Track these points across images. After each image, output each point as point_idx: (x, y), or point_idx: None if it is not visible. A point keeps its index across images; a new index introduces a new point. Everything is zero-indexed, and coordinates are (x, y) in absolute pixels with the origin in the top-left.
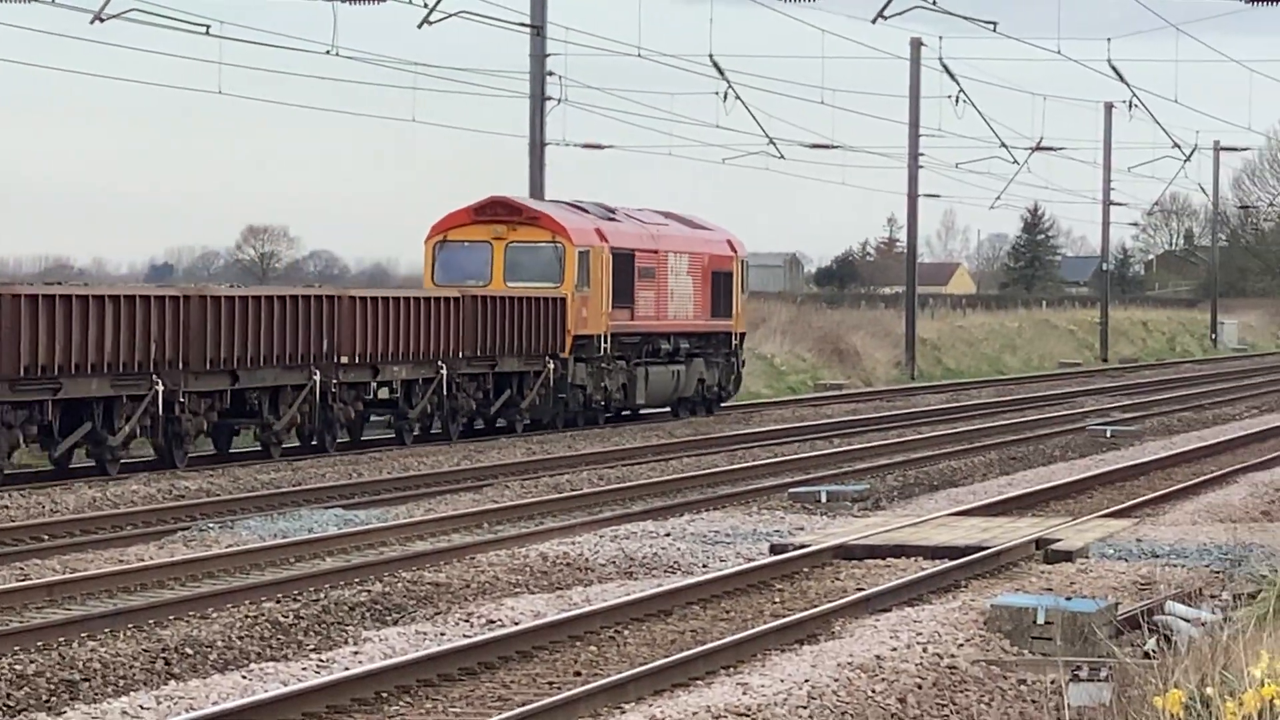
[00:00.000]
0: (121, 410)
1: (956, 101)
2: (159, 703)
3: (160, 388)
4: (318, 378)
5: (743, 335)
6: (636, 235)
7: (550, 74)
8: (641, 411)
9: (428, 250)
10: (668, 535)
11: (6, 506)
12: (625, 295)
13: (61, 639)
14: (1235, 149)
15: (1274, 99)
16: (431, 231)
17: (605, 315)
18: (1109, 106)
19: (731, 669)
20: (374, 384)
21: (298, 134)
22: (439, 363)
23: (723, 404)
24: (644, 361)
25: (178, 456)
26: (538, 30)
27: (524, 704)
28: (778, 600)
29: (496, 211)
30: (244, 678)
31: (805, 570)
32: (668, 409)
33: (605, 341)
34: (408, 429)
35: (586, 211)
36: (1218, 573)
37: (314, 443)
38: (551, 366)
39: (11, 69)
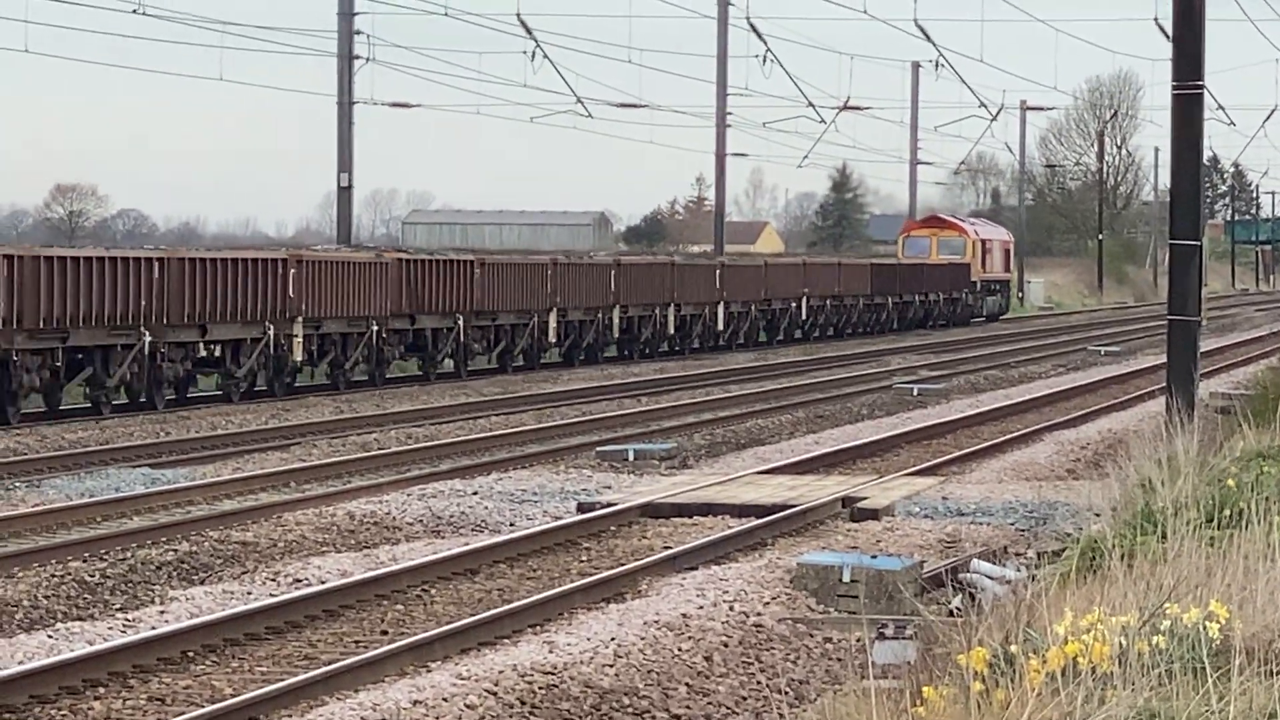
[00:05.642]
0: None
1: (764, 61)
2: None
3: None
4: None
5: (1010, 281)
6: (985, 232)
7: (358, 33)
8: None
9: (901, 242)
10: (475, 494)
11: None
12: (982, 262)
13: None
14: (1041, 108)
15: (1080, 59)
16: (901, 230)
17: (978, 271)
18: (916, 66)
19: (538, 628)
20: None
21: (105, 93)
22: (930, 294)
23: (1002, 317)
24: (984, 293)
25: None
26: None
27: (330, 663)
28: (585, 559)
29: (933, 222)
30: (50, 637)
31: (612, 529)
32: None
33: (978, 284)
34: (923, 321)
35: (963, 220)
36: (1023, 531)
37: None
38: (961, 295)
39: None
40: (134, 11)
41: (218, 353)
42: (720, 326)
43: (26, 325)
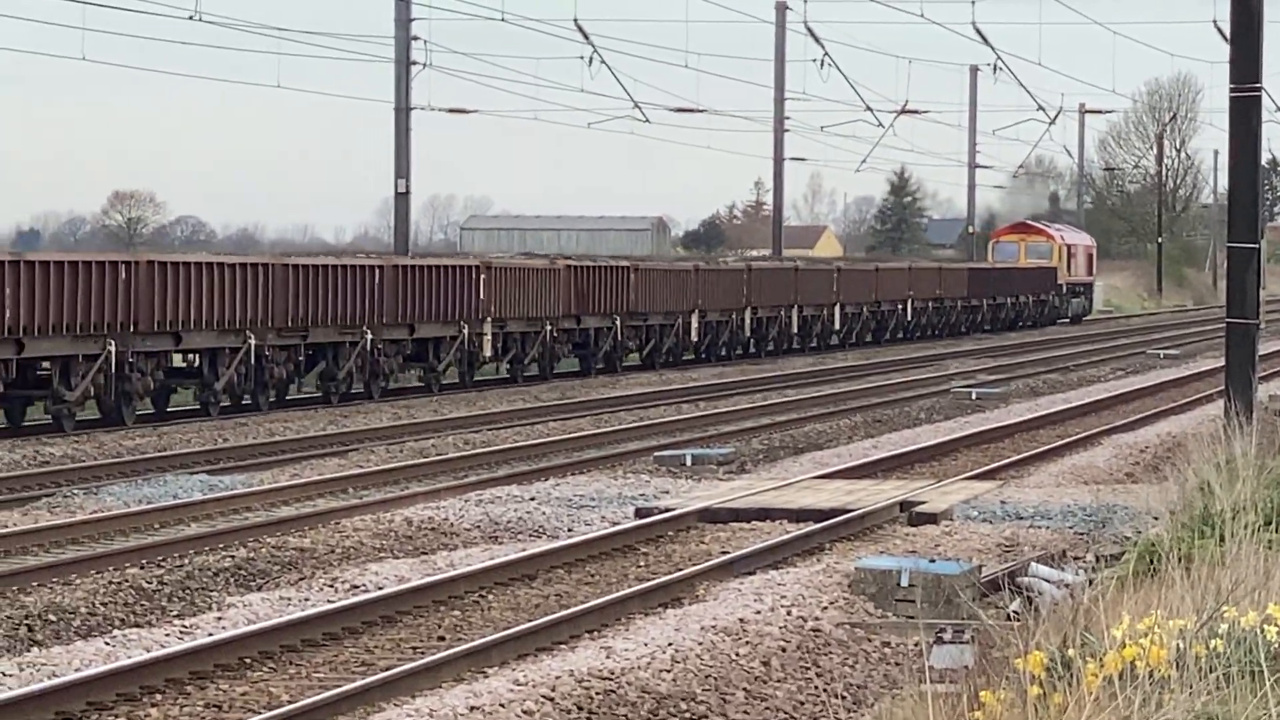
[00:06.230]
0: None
1: (822, 65)
2: (21, 669)
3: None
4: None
5: (1093, 284)
6: (1071, 238)
7: (415, 39)
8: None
9: (991, 247)
10: (533, 499)
11: None
12: (1067, 265)
13: None
14: (1100, 111)
15: (1138, 61)
16: (991, 237)
17: (1065, 274)
18: (974, 69)
19: (595, 633)
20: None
21: (163, 99)
22: (1021, 297)
23: (1085, 318)
24: (1069, 295)
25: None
26: None
27: (388, 669)
28: (642, 564)
29: (1021, 229)
30: (107, 644)
31: (670, 534)
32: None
33: (1064, 287)
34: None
35: (1049, 226)
36: (1081, 534)
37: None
38: (1048, 297)
39: None
40: (190, 18)
41: (419, 350)
42: (836, 326)
43: (276, 324)
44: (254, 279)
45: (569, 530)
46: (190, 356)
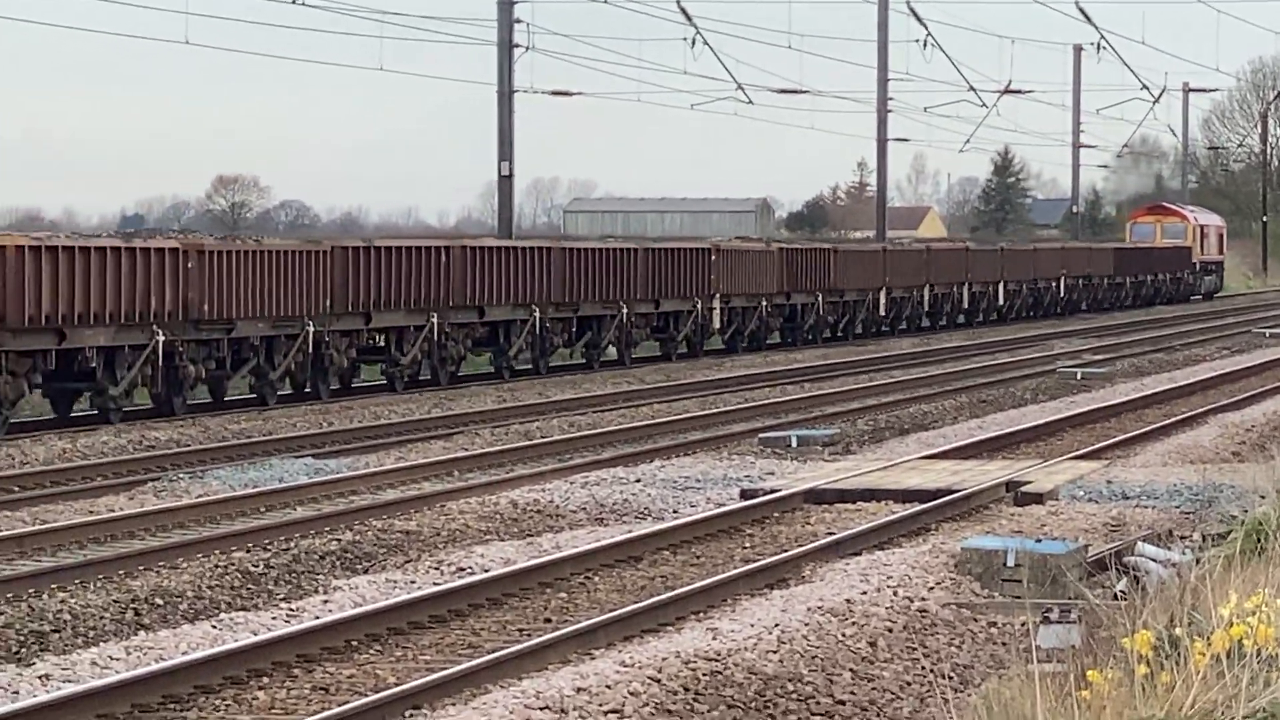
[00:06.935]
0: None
1: (925, 45)
2: (129, 653)
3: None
4: None
5: (1223, 262)
6: (1205, 219)
7: (518, 21)
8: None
9: (1128, 227)
10: (638, 481)
11: None
12: (1199, 245)
13: (31, 590)
14: (1204, 90)
15: (1242, 39)
16: (1129, 218)
17: (1198, 253)
18: (1078, 49)
19: (701, 614)
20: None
21: (266, 84)
22: (1159, 274)
23: (1215, 295)
24: (1202, 273)
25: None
26: None
27: (494, 651)
28: (748, 545)
29: (1157, 210)
30: (214, 627)
31: (775, 515)
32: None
33: (1197, 265)
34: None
35: (1183, 207)
36: (1188, 514)
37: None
38: (1182, 275)
39: None
40: (293, 2)
41: (662, 322)
42: (1000, 302)
43: (554, 300)
44: (537, 260)
45: (674, 512)
46: (483, 328)
